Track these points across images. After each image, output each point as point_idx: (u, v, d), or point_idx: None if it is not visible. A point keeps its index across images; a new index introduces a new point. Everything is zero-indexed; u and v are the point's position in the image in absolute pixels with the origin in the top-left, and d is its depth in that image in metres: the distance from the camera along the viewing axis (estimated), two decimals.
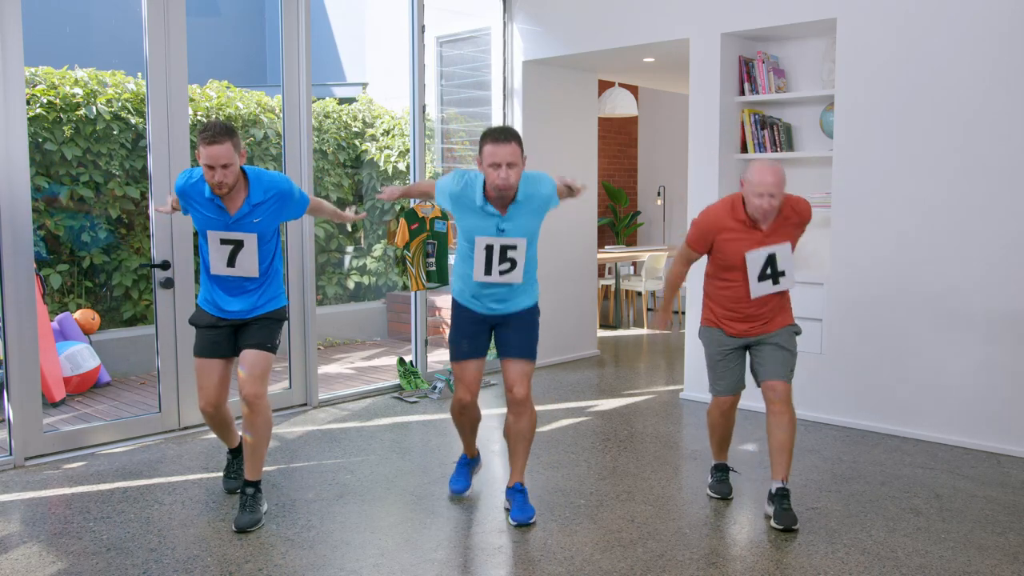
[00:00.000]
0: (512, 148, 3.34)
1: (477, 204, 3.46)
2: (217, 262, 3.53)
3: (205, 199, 3.50)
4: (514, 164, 3.35)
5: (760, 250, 3.61)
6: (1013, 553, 3.34)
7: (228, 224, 3.51)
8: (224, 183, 3.40)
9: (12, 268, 4.32)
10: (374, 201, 8.63)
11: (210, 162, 3.35)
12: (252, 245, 3.52)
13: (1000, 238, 4.57)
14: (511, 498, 3.70)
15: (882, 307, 4.96)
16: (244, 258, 3.52)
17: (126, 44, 6.86)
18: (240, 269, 3.53)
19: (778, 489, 3.64)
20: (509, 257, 3.46)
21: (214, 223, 3.52)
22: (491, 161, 3.34)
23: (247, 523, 3.54)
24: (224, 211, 3.51)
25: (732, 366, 3.79)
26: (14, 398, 4.36)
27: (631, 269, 9.85)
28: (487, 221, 3.47)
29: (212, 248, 3.51)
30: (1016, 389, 4.55)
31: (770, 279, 3.63)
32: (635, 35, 6.02)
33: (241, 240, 3.51)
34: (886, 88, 4.90)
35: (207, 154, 3.34)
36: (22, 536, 3.52)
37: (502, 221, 3.47)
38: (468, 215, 3.49)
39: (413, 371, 6.16)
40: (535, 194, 3.49)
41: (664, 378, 6.58)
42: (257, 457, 3.64)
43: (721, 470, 3.99)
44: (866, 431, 5.01)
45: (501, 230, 3.47)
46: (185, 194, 3.57)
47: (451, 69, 7.87)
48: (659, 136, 10.91)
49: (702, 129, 5.67)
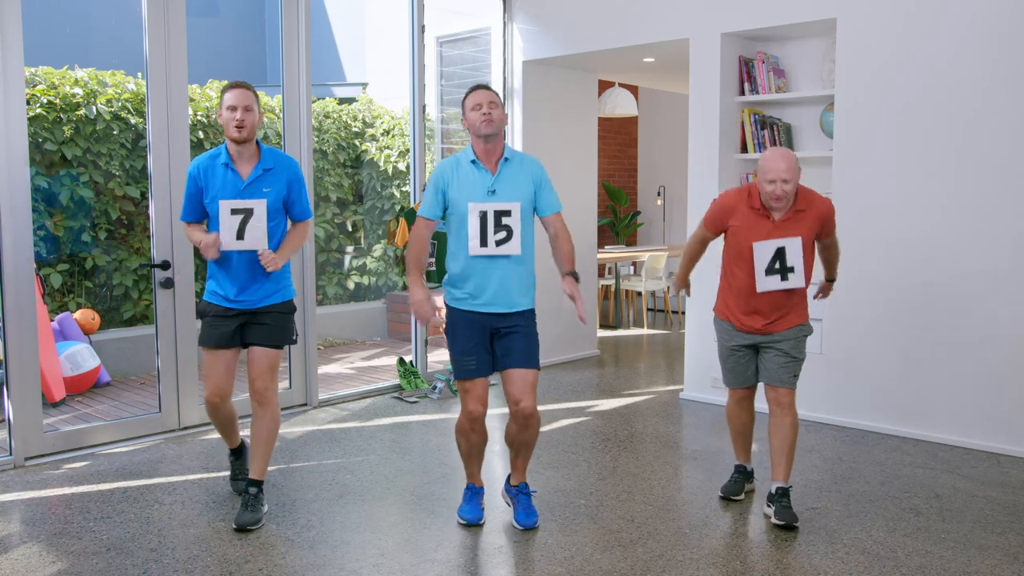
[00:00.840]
0: (490, 93, 3.48)
1: (468, 159, 3.48)
2: (226, 234, 3.55)
3: (220, 166, 3.61)
4: (495, 104, 3.44)
5: (768, 242, 3.52)
6: (1013, 553, 3.34)
7: (240, 190, 3.59)
8: (244, 125, 3.53)
9: (12, 268, 4.32)
10: (374, 201, 8.64)
11: (234, 103, 3.53)
12: (261, 212, 3.56)
13: (1000, 238, 4.57)
14: (516, 499, 3.66)
15: (882, 307, 4.96)
16: (253, 228, 3.56)
17: (126, 44, 6.86)
18: (250, 240, 3.56)
19: (778, 488, 3.65)
20: (504, 224, 3.40)
21: (227, 191, 3.58)
22: (473, 104, 3.44)
23: (248, 522, 3.55)
24: (237, 175, 3.60)
25: (741, 363, 3.78)
26: (14, 398, 4.36)
27: (631, 269, 9.85)
28: (478, 181, 3.45)
29: (223, 220, 3.55)
30: (1016, 389, 4.55)
31: (778, 274, 3.53)
32: (635, 35, 6.02)
33: (251, 208, 3.55)
34: (886, 88, 4.90)
35: (231, 95, 3.55)
36: (22, 536, 3.52)
37: (493, 181, 3.45)
38: (459, 182, 3.46)
39: (413, 371, 6.16)
40: (524, 161, 3.55)
41: (664, 378, 6.58)
42: (263, 455, 3.68)
43: (737, 471, 3.97)
44: (866, 431, 5.01)
45: (492, 191, 3.44)
46: (200, 173, 3.62)
47: (451, 69, 7.87)
48: (659, 136, 10.90)
49: (702, 129, 5.67)
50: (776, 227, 3.55)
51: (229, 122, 3.55)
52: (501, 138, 3.49)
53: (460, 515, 3.67)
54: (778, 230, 3.54)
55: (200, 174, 3.63)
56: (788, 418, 3.64)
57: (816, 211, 3.57)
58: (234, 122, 3.53)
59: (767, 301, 3.62)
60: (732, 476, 3.98)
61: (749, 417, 3.90)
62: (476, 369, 3.47)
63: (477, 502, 3.70)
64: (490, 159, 3.48)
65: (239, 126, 3.53)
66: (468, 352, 3.47)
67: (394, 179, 8.50)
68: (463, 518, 3.65)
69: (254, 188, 3.61)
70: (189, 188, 3.66)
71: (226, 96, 3.57)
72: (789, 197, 3.49)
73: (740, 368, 3.78)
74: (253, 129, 3.58)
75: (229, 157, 3.60)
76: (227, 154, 3.61)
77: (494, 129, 3.42)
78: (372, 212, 8.66)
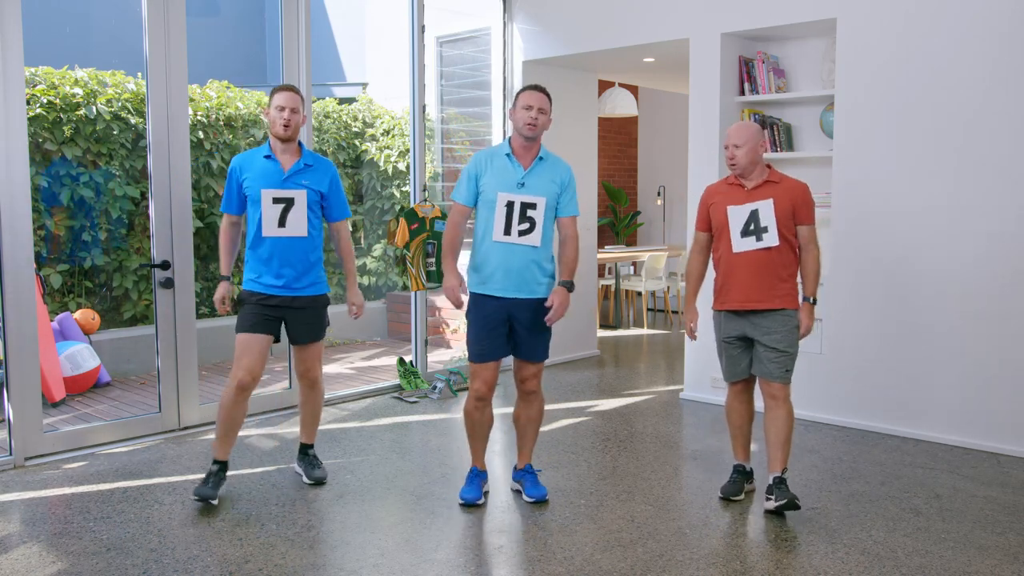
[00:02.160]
0: (544, 98, 3.69)
1: (504, 152, 3.70)
2: (269, 223, 3.82)
3: (262, 159, 3.88)
4: (544, 111, 3.66)
5: (742, 206, 3.74)
6: (1013, 553, 3.34)
7: (281, 181, 3.85)
8: (290, 125, 3.84)
9: (12, 268, 4.32)
10: (374, 201, 8.64)
11: (282, 103, 3.84)
12: (302, 202, 3.86)
13: (1000, 237, 4.57)
14: (522, 479, 3.88)
15: (882, 307, 4.96)
16: (294, 217, 3.84)
17: (126, 44, 6.86)
18: (291, 228, 3.84)
19: (775, 478, 3.74)
20: (528, 216, 3.62)
21: (269, 180, 3.83)
22: (525, 103, 3.64)
23: (324, 476, 4.11)
24: (279, 166, 3.87)
25: (735, 355, 3.87)
26: (14, 398, 4.36)
27: (631, 269, 9.85)
28: (511, 173, 3.66)
29: (265, 209, 3.81)
30: (1016, 389, 4.55)
31: (753, 235, 3.72)
32: (635, 35, 6.02)
33: (292, 198, 3.84)
34: (886, 88, 4.90)
35: (280, 97, 3.85)
36: (22, 536, 3.52)
37: (524, 175, 3.66)
38: (492, 172, 3.68)
39: (413, 371, 6.16)
40: (557, 163, 3.76)
41: (664, 378, 6.58)
42: (316, 424, 4.24)
43: (736, 471, 3.98)
44: (866, 431, 5.01)
45: (521, 184, 3.64)
46: (241, 167, 3.89)
47: (451, 69, 7.87)
48: (659, 136, 10.91)
49: (702, 129, 5.67)
50: (749, 194, 3.76)
51: (276, 120, 3.85)
52: (539, 140, 3.72)
53: (460, 496, 3.86)
54: (750, 197, 3.75)
55: (239, 166, 3.91)
56: (782, 410, 3.76)
57: (788, 186, 3.78)
58: (281, 120, 3.83)
59: (749, 271, 3.73)
60: (731, 476, 3.98)
61: (747, 411, 3.95)
62: (488, 353, 3.71)
63: (478, 484, 3.89)
64: (526, 155, 3.70)
65: (286, 124, 3.83)
66: (482, 336, 3.71)
67: (394, 179, 8.50)
68: (461, 498, 3.84)
69: (295, 180, 3.88)
70: (229, 181, 3.93)
71: (276, 97, 3.87)
72: (744, 163, 3.72)
73: (734, 360, 3.88)
74: (297, 129, 3.89)
75: (271, 150, 3.89)
76: (269, 148, 3.90)
77: (535, 133, 3.65)
78: (372, 212, 8.66)
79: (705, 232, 3.93)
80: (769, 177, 3.78)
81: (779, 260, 3.73)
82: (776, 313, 3.74)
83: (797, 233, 3.77)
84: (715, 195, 3.86)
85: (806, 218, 3.77)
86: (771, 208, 3.70)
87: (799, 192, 3.76)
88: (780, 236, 3.70)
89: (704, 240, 3.94)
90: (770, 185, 3.76)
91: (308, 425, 4.23)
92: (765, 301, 3.73)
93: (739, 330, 3.81)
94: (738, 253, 3.75)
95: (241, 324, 3.87)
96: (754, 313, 3.76)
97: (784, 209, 3.71)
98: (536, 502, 3.82)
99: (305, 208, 3.87)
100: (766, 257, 3.72)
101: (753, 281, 3.73)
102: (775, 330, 3.73)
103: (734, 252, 3.75)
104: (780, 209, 3.70)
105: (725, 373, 3.94)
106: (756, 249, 3.72)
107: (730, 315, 3.83)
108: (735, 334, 3.82)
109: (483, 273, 3.69)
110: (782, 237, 3.71)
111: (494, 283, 3.66)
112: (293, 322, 3.95)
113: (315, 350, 4.07)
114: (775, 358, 3.73)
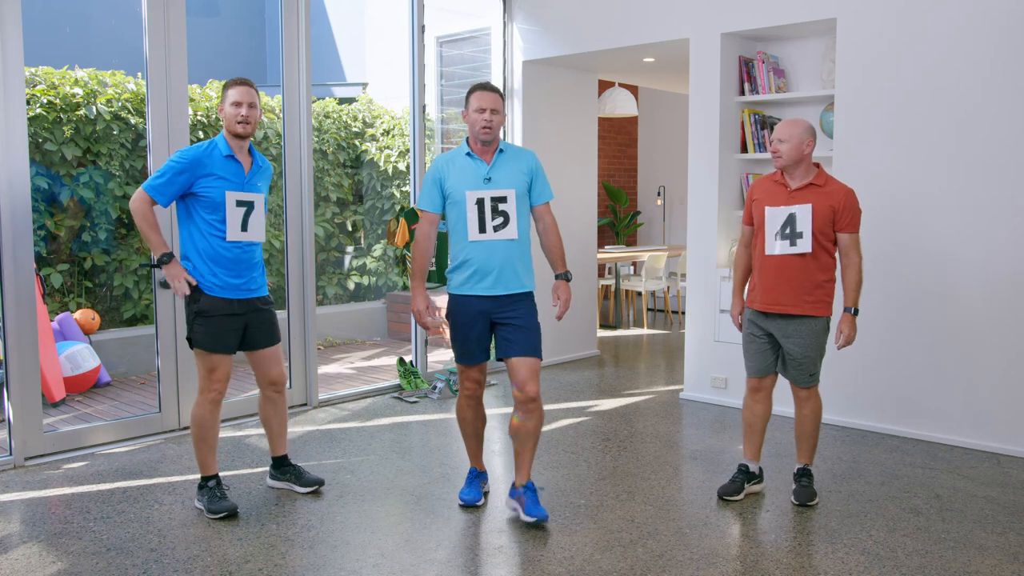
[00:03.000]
0: (496, 97, 3.58)
1: (463, 152, 3.62)
2: (233, 226, 3.67)
3: (223, 158, 3.66)
4: (497, 111, 3.56)
5: (780, 208, 3.69)
6: (1013, 553, 3.34)
7: (243, 183, 3.71)
8: (249, 121, 3.65)
9: (12, 268, 4.32)
10: (374, 201, 8.64)
11: (240, 99, 3.64)
12: (260, 207, 3.75)
13: (1000, 236, 4.57)
14: (522, 496, 3.66)
15: (882, 307, 4.96)
16: (255, 221, 3.73)
17: (126, 44, 6.85)
18: (252, 233, 3.73)
19: (799, 469, 3.92)
20: (501, 211, 3.55)
21: (232, 183, 3.67)
22: (477, 106, 3.55)
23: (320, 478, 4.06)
24: (241, 167, 3.71)
25: (760, 350, 3.85)
26: (14, 398, 4.36)
27: (631, 269, 9.85)
28: (474, 171, 3.59)
29: (229, 212, 3.65)
30: (1016, 389, 4.55)
31: (788, 239, 3.66)
32: (635, 35, 6.02)
33: (252, 201, 3.72)
34: (886, 88, 4.90)
35: (237, 91, 3.65)
36: (22, 536, 3.52)
37: (488, 169, 3.59)
38: (456, 173, 3.60)
39: (413, 371, 6.16)
40: (519, 153, 3.70)
41: (664, 378, 6.58)
42: (285, 433, 4.08)
43: (740, 470, 3.97)
44: (866, 431, 5.01)
45: (488, 179, 3.58)
46: (199, 163, 3.60)
47: (451, 69, 7.87)
48: (659, 136, 10.91)
49: (702, 129, 5.67)
50: (790, 196, 3.70)
51: (234, 117, 3.65)
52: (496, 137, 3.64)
53: (459, 497, 3.84)
54: (792, 199, 3.69)
55: (200, 163, 3.60)
56: (807, 408, 3.86)
57: (832, 190, 3.68)
58: (239, 118, 3.64)
59: (779, 275, 3.70)
60: (733, 475, 3.97)
61: (763, 411, 3.92)
62: (476, 354, 3.67)
63: (477, 485, 3.87)
64: (486, 151, 3.63)
65: (245, 121, 3.65)
66: (468, 338, 3.64)
67: (394, 179, 8.50)
68: (461, 499, 3.82)
69: (253, 183, 3.76)
70: (176, 169, 3.56)
71: (230, 92, 3.67)
72: (788, 158, 3.65)
73: (761, 355, 3.85)
74: (255, 125, 3.71)
75: (230, 149, 3.69)
76: (227, 146, 3.68)
77: (491, 137, 3.58)
78: (372, 212, 8.66)
79: (750, 226, 3.87)
80: (814, 179, 3.67)
81: (812, 266, 3.66)
82: (803, 320, 3.70)
83: (836, 240, 3.68)
84: (758, 191, 3.82)
85: (847, 226, 3.64)
86: (809, 213, 3.62)
87: (842, 197, 3.64)
88: (816, 243, 3.63)
89: (748, 234, 3.89)
90: (813, 188, 3.66)
91: (280, 436, 4.05)
92: (791, 307, 3.69)
93: (766, 328, 3.80)
94: (770, 256, 3.71)
95: (210, 341, 3.64)
96: (780, 317, 3.74)
97: (823, 215, 3.62)
98: (536, 522, 3.60)
99: (263, 213, 3.76)
100: (798, 263, 3.66)
101: (782, 285, 3.69)
102: (799, 337, 3.71)
103: (766, 254, 3.72)
104: (819, 214, 3.62)
105: (748, 367, 3.90)
106: (789, 254, 3.67)
107: (758, 313, 3.82)
108: (766, 329, 3.81)
109: (464, 274, 3.61)
110: (818, 244, 3.63)
111: (477, 283, 3.58)
112: (255, 325, 3.78)
113: (277, 353, 3.94)
114: (799, 366, 3.76)
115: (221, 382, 3.71)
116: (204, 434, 3.74)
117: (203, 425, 3.73)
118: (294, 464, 4.10)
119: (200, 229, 3.65)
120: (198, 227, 3.65)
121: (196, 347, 3.68)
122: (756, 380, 3.90)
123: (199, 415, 3.71)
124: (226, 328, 3.68)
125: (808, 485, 3.85)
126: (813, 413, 3.84)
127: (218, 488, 3.77)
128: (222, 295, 3.68)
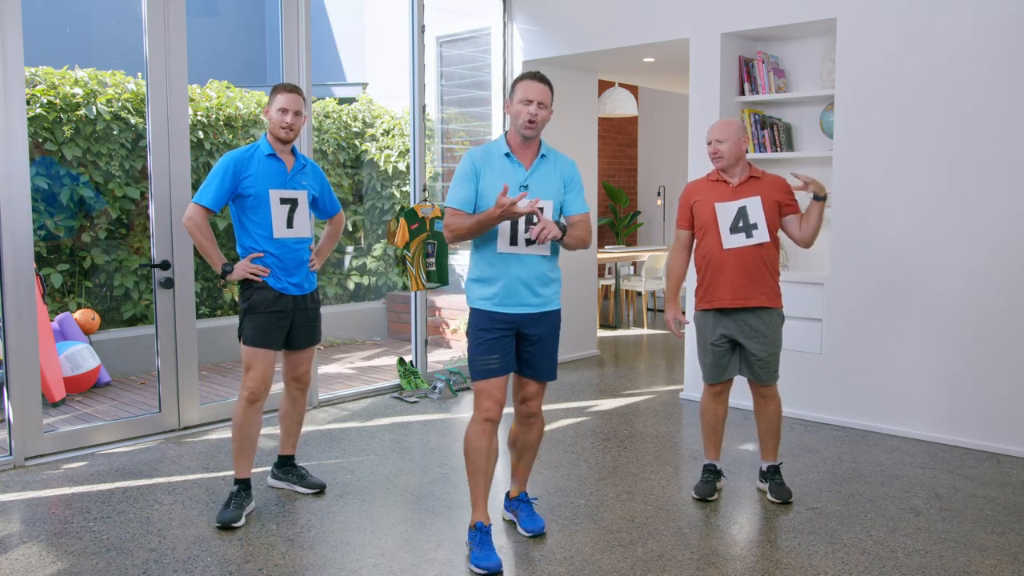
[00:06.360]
0: (545, 89, 3.24)
1: (501, 151, 3.27)
2: (278, 222, 3.73)
3: (264, 158, 3.74)
4: (544, 105, 3.22)
5: (730, 203, 3.75)
6: (1013, 553, 3.34)
7: (286, 181, 3.77)
8: (293, 127, 3.73)
9: (12, 268, 4.32)
10: (374, 201, 8.64)
11: (286, 105, 3.71)
12: (304, 203, 3.82)
13: (1000, 237, 4.57)
14: (518, 508, 3.59)
15: (882, 307, 4.96)
16: (299, 218, 3.79)
17: (126, 44, 6.85)
18: (298, 229, 3.79)
19: (769, 467, 3.94)
20: (535, 223, 3.15)
21: (275, 180, 3.74)
22: (523, 96, 3.20)
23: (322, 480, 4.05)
24: (283, 165, 3.77)
25: (720, 357, 3.87)
26: (14, 398, 4.36)
27: (631, 269, 9.85)
28: (512, 175, 3.24)
29: (274, 209, 3.72)
30: (1016, 389, 4.55)
31: (743, 231, 3.73)
32: (635, 35, 6.02)
33: (296, 198, 3.78)
34: (886, 88, 4.90)
35: (284, 98, 3.71)
36: (22, 536, 3.52)
37: (526, 176, 3.26)
38: (491, 174, 3.24)
39: (413, 371, 6.16)
40: (559, 159, 3.36)
41: (664, 378, 6.58)
42: (299, 432, 4.12)
43: (708, 471, 4.00)
44: (866, 431, 5.01)
45: (524, 186, 3.23)
46: (242, 165, 3.69)
47: (451, 69, 7.87)
48: (659, 136, 10.91)
49: (702, 129, 5.67)
50: (734, 191, 3.77)
51: (278, 123, 3.71)
52: (539, 135, 3.32)
53: (476, 564, 3.17)
54: (737, 193, 3.76)
55: (243, 166, 3.70)
56: (772, 406, 3.92)
57: (770, 181, 3.81)
58: (283, 124, 3.71)
59: (739, 268, 3.74)
60: (704, 477, 3.99)
61: (723, 411, 4.00)
62: (498, 368, 3.24)
63: (491, 544, 3.26)
64: (526, 153, 3.29)
65: (289, 128, 3.72)
66: (492, 351, 3.24)
67: (394, 179, 8.50)
68: (481, 567, 3.15)
69: (296, 180, 3.82)
70: (220, 172, 3.65)
71: (278, 98, 3.72)
72: (727, 158, 3.73)
73: (719, 362, 3.87)
74: (298, 132, 3.79)
75: (272, 149, 3.76)
76: (270, 147, 3.75)
77: (535, 131, 3.24)
78: (372, 212, 8.66)
79: (687, 230, 3.92)
80: (752, 173, 3.81)
81: (766, 256, 3.77)
82: (763, 312, 3.78)
83: (783, 224, 3.83)
84: (699, 192, 3.84)
85: (792, 208, 3.81)
86: (759, 205, 3.73)
87: (780, 185, 3.81)
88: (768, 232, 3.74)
89: (686, 238, 3.93)
90: (754, 182, 3.79)
91: (293, 435, 4.08)
92: (753, 298, 3.76)
93: (726, 330, 3.81)
94: (728, 250, 3.75)
95: (258, 336, 3.69)
96: (742, 311, 3.78)
97: (771, 205, 3.76)
98: (533, 536, 3.49)
99: (308, 209, 3.84)
100: (755, 253, 3.75)
101: (743, 278, 3.75)
102: (762, 334, 3.77)
103: (724, 249, 3.75)
104: (767, 205, 3.74)
105: (707, 374, 3.93)
106: (746, 246, 3.74)
107: (717, 315, 3.83)
108: (722, 334, 3.82)
109: (491, 289, 3.25)
110: (769, 233, 3.75)
111: (504, 299, 3.24)
112: (299, 324, 3.84)
113: (312, 354, 4.02)
114: (765, 365, 3.82)
115: (256, 381, 3.69)
116: (237, 433, 3.74)
117: (237, 424, 3.73)
118: (298, 466, 4.09)
119: (248, 231, 3.74)
120: (246, 230, 3.74)
121: (244, 342, 3.74)
122: (719, 385, 3.93)
123: (233, 414, 3.76)
124: (273, 325, 3.75)
125: (783, 482, 3.92)
126: (779, 408, 3.92)
127: (236, 496, 3.68)
128: (275, 286, 3.74)
